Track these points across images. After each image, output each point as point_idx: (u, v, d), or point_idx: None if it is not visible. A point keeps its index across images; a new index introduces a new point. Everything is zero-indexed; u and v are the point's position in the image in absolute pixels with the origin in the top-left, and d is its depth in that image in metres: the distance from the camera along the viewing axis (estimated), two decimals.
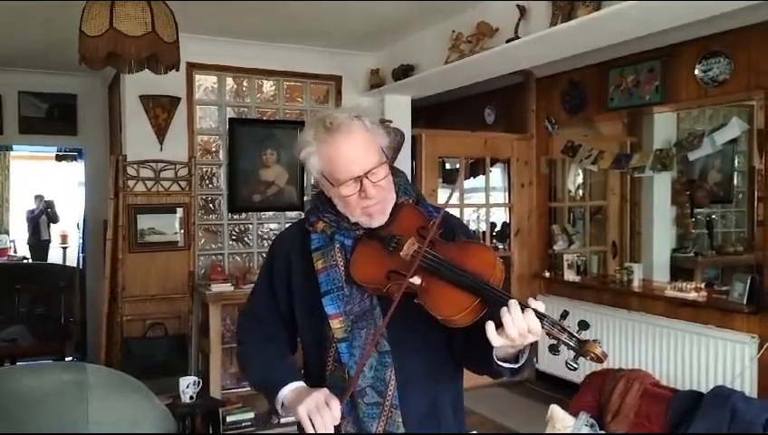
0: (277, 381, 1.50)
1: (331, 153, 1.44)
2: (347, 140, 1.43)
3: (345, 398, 1.39)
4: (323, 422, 1.34)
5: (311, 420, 1.36)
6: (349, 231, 1.51)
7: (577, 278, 5.22)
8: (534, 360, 5.39)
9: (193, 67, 4.64)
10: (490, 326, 1.28)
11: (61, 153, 7.86)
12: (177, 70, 2.81)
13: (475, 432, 3.23)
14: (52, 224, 11.04)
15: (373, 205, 1.46)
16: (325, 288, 1.49)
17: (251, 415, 4.36)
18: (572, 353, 1.26)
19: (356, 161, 1.42)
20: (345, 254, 1.51)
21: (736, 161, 5.58)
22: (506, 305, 1.27)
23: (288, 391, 1.47)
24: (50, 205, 11.01)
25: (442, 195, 5.55)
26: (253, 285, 1.76)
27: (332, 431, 1.36)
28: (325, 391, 1.40)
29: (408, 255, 1.42)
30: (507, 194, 5.87)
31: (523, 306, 1.27)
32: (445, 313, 1.34)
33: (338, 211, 1.51)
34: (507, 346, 1.31)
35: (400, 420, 1.44)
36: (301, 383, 1.49)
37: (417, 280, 1.38)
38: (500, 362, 1.37)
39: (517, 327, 1.25)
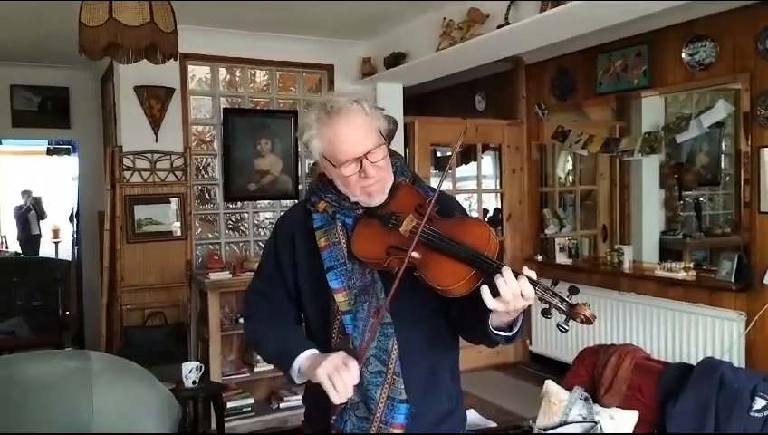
0: (293, 349, 1.55)
1: (331, 135, 1.51)
2: (347, 122, 1.50)
3: (363, 358, 1.47)
4: (343, 382, 1.39)
5: (331, 381, 1.41)
6: (349, 210, 1.58)
7: (569, 261, 5.31)
8: (528, 342, 5.49)
9: (186, 58, 4.65)
10: (485, 289, 1.34)
11: (51, 147, 7.86)
12: (176, 59, 2.85)
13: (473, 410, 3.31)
14: (41, 220, 11.03)
15: (372, 184, 1.52)
16: (329, 264, 1.55)
17: (251, 401, 4.43)
18: (563, 317, 1.33)
19: (356, 143, 1.49)
20: (346, 232, 1.57)
21: (723, 144, 5.68)
22: (500, 273, 1.34)
23: (304, 357, 1.52)
24: (37, 201, 10.99)
25: (435, 183, 5.61)
26: (250, 272, 1.82)
27: (352, 390, 1.41)
28: (342, 353, 1.46)
29: (407, 231, 1.49)
30: (498, 180, 5.94)
31: (517, 274, 1.34)
32: (443, 283, 1.41)
33: (339, 192, 1.58)
34: (502, 314, 1.38)
35: (402, 386, 1.51)
36: (315, 350, 1.54)
37: (416, 254, 1.45)
38: (495, 331, 1.44)
39: (510, 289, 1.32)
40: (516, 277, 1.33)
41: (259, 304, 1.71)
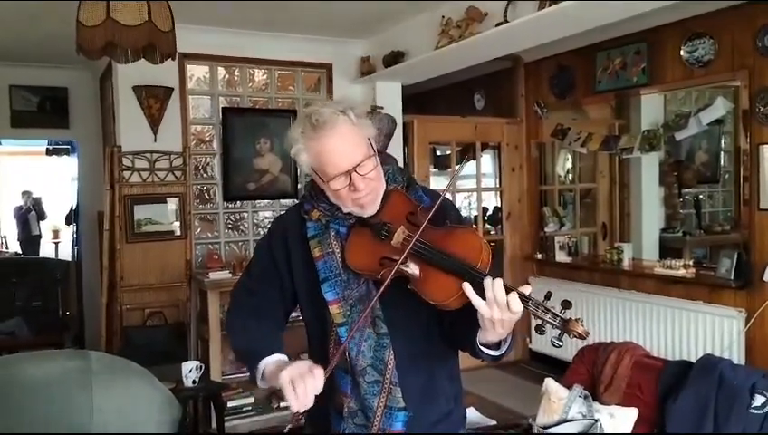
0: (262, 350, 1.53)
1: (318, 150, 1.47)
2: (333, 135, 1.45)
3: (330, 368, 1.43)
4: (305, 388, 1.35)
5: (293, 386, 1.36)
6: (343, 220, 1.55)
7: (568, 259, 5.31)
8: (528, 340, 5.49)
9: (185, 57, 4.64)
10: (468, 287, 1.34)
11: (51, 147, 7.85)
12: (174, 59, 2.84)
13: (472, 408, 3.31)
14: (41, 220, 11.03)
15: (363, 196, 1.49)
16: (323, 275, 1.53)
17: (251, 400, 4.44)
18: (557, 332, 1.32)
19: (343, 156, 1.45)
20: (341, 241, 1.55)
21: (723, 142, 5.66)
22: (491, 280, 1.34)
23: (271, 361, 1.50)
24: (37, 201, 10.98)
25: (434, 182, 5.62)
26: None
27: (312, 400, 1.37)
28: (309, 361, 1.43)
29: (399, 242, 1.46)
30: (498, 178, 5.94)
31: (509, 288, 1.33)
32: (436, 298, 1.40)
33: (331, 201, 1.55)
34: (490, 331, 1.37)
35: (400, 395, 1.51)
36: (284, 356, 1.52)
37: (409, 268, 1.43)
38: (482, 348, 1.44)
39: (497, 296, 1.31)
40: (508, 292, 1.32)
41: (244, 301, 1.69)
